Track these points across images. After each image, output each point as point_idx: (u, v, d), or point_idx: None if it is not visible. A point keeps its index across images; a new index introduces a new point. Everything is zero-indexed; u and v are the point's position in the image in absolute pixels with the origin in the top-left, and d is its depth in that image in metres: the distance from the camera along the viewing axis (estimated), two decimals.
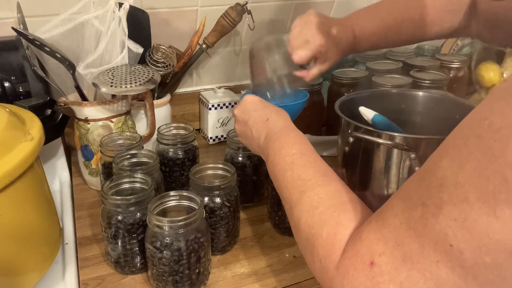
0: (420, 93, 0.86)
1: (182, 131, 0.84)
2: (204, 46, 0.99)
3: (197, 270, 0.59)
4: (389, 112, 0.82)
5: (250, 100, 0.65)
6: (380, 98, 0.85)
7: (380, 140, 0.66)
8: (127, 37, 0.80)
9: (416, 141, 0.66)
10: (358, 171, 0.71)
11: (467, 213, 0.29)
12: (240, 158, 0.79)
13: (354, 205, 0.44)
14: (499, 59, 1.25)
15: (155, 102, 0.93)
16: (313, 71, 0.76)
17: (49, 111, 0.78)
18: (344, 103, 0.80)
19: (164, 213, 0.60)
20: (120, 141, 0.79)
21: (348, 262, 0.38)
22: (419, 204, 0.33)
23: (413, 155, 0.66)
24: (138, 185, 0.66)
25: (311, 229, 0.44)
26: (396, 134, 0.67)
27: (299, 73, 0.77)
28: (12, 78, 0.80)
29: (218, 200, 0.65)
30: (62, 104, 0.84)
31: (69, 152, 0.98)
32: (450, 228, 0.30)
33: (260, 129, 0.60)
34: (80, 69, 0.77)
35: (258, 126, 0.61)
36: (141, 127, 0.91)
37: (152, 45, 0.91)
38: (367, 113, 0.72)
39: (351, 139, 0.68)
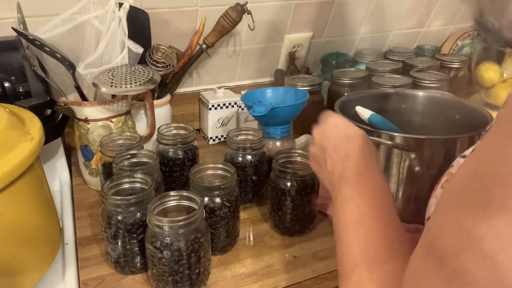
0: (420, 93, 0.86)
1: (182, 131, 0.84)
2: (204, 46, 0.99)
3: (197, 270, 0.59)
4: (389, 112, 0.82)
5: (335, 124, 0.57)
6: (380, 98, 0.86)
7: (380, 140, 0.66)
8: (127, 37, 0.80)
9: (416, 141, 0.66)
10: None
11: None
12: (240, 158, 0.79)
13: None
14: (499, 59, 1.25)
15: (155, 102, 0.93)
16: None
17: (49, 111, 0.78)
18: (344, 103, 0.80)
19: (164, 213, 0.60)
20: (120, 141, 0.79)
21: None
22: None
23: (413, 155, 0.66)
24: (138, 185, 0.66)
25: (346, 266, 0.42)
26: (396, 134, 0.67)
27: None
28: (12, 78, 0.80)
29: (218, 200, 0.65)
30: (62, 104, 0.84)
31: (69, 152, 0.98)
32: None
33: (336, 164, 0.53)
34: (80, 69, 0.77)
35: (335, 160, 0.53)
36: (141, 127, 0.91)
37: (152, 45, 0.91)
38: (364, 112, 0.72)
39: None
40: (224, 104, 1.05)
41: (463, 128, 0.71)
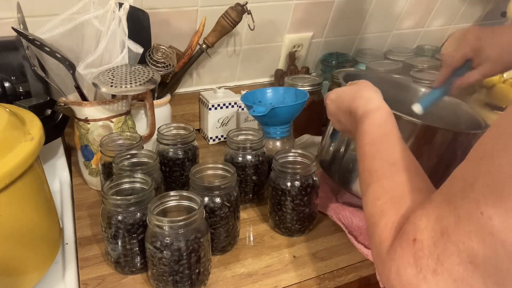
0: (423, 89, 0.87)
1: (182, 131, 0.84)
2: (204, 46, 0.99)
3: (197, 270, 0.59)
4: (390, 100, 0.82)
5: (346, 87, 0.65)
6: (384, 83, 0.86)
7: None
8: (127, 37, 0.80)
9: (412, 125, 0.66)
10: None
11: (501, 178, 0.30)
12: (240, 158, 0.79)
13: (416, 195, 0.44)
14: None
15: (155, 102, 0.93)
16: (471, 75, 0.73)
17: (49, 111, 0.78)
18: (349, 76, 0.81)
19: (164, 213, 0.60)
20: (120, 141, 0.79)
21: (396, 243, 0.39)
22: (460, 179, 0.35)
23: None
24: (138, 185, 0.66)
25: (371, 218, 0.46)
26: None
27: (457, 82, 0.74)
28: (12, 78, 0.80)
29: (218, 200, 0.65)
30: (62, 104, 0.84)
31: (69, 152, 0.98)
32: (483, 196, 0.31)
33: (359, 108, 0.59)
34: (80, 69, 0.77)
35: (357, 104, 0.60)
36: (141, 127, 0.91)
37: (152, 45, 0.91)
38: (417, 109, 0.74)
39: None
40: (224, 104, 1.05)
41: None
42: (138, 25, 0.87)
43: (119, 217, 0.61)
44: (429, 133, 0.67)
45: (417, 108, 0.76)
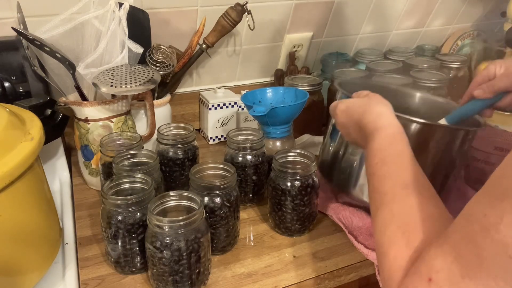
0: (418, 94, 0.86)
1: (182, 131, 0.84)
2: (204, 46, 0.99)
3: (197, 270, 0.59)
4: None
5: (355, 99, 0.62)
6: (380, 91, 0.86)
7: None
8: (127, 37, 0.80)
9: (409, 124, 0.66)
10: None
11: None
12: (240, 158, 0.79)
13: (428, 224, 0.41)
14: (499, 59, 1.25)
15: (155, 102, 0.93)
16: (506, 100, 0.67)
17: (49, 111, 0.78)
18: (346, 83, 0.81)
19: (164, 213, 0.60)
20: (120, 141, 0.79)
21: (407, 280, 0.37)
22: (480, 216, 0.32)
23: None
24: (138, 185, 0.66)
25: (380, 247, 0.43)
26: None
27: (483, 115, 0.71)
28: (12, 78, 0.80)
29: (218, 200, 0.65)
30: (62, 104, 0.84)
31: (69, 152, 0.98)
32: (511, 238, 0.29)
33: (369, 123, 0.56)
34: (80, 69, 0.77)
35: (368, 119, 0.57)
36: (141, 127, 0.91)
37: (152, 45, 0.91)
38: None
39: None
40: (224, 104, 1.05)
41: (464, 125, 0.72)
42: (138, 25, 0.87)
43: (119, 217, 0.61)
44: (427, 132, 0.67)
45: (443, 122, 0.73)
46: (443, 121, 0.72)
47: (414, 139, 0.66)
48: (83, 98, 0.81)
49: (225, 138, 1.06)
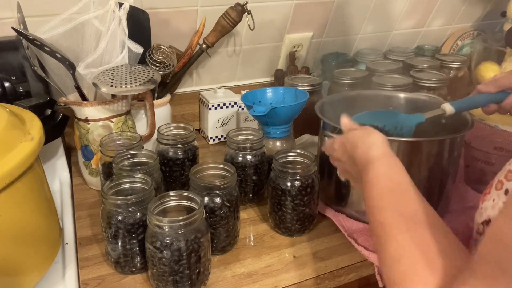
0: (402, 95, 0.87)
1: (182, 131, 0.84)
2: (204, 46, 0.99)
3: (197, 270, 0.59)
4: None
5: (350, 133, 0.59)
6: (365, 100, 0.87)
7: None
8: (127, 37, 0.80)
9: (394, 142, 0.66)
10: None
11: None
12: (240, 158, 0.79)
13: (442, 258, 0.39)
14: (499, 59, 1.25)
15: (155, 102, 0.93)
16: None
17: (49, 111, 0.78)
18: (324, 104, 0.81)
19: (164, 213, 0.60)
20: (120, 141, 0.79)
21: None
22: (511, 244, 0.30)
23: None
24: (138, 185, 0.66)
25: (392, 284, 0.40)
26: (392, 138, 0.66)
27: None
28: (12, 78, 0.80)
29: (218, 200, 0.65)
30: (62, 104, 0.84)
31: (69, 152, 0.98)
32: None
33: (361, 157, 0.55)
34: (80, 69, 0.77)
35: (361, 151, 0.55)
36: (141, 127, 0.91)
37: (152, 45, 0.91)
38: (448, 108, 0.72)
39: (326, 139, 0.67)
40: (224, 104, 1.05)
41: (450, 131, 0.72)
42: (138, 25, 0.87)
43: (119, 217, 0.61)
44: (415, 148, 0.68)
45: (448, 107, 0.73)
46: (448, 106, 0.72)
47: (404, 155, 0.67)
48: (83, 98, 0.82)
49: (225, 138, 1.06)
